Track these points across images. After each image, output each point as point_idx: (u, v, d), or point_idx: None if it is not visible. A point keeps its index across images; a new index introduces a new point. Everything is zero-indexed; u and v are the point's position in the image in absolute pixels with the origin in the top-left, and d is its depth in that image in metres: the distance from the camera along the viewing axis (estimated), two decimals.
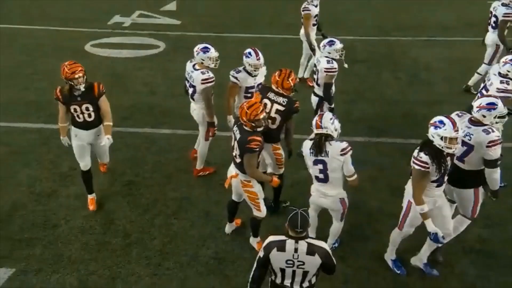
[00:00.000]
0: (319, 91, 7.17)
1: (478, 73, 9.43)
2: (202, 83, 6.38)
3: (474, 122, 5.18)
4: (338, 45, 7.08)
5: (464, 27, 12.72)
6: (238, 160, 5.32)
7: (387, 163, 7.42)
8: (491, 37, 9.23)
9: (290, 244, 3.97)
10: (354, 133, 7.94)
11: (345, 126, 7.75)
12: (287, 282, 4.18)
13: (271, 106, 5.78)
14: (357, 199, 6.16)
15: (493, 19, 9.17)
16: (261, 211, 5.52)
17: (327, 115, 5.25)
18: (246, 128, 5.18)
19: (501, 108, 5.17)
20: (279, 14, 13.71)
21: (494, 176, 5.15)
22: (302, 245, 3.96)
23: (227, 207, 5.92)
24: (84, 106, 5.82)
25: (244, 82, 6.45)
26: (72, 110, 5.85)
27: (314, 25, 9.43)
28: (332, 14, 12.15)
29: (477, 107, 5.18)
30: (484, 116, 5.13)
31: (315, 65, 7.41)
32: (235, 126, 5.39)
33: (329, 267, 4.12)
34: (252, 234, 5.83)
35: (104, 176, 7.04)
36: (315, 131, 5.15)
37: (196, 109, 6.84)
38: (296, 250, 3.97)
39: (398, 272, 5.54)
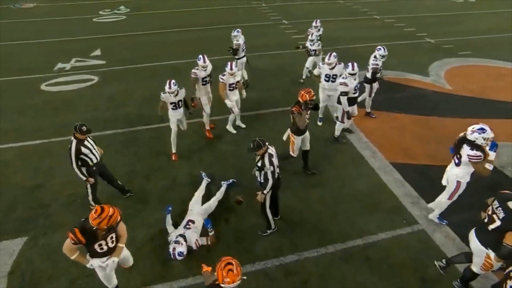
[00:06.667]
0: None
1: (307, 67, 10.07)
2: (191, 75, 7.12)
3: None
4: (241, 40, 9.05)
5: (278, 46, 13.42)
6: None
7: (251, 129, 7.81)
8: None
9: (270, 151, 4.67)
10: (228, 112, 7.96)
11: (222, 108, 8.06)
12: (277, 170, 4.77)
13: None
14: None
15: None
16: None
17: None
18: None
19: (350, 69, 6.63)
20: (171, 49, 13.42)
21: (343, 101, 6.77)
22: (271, 149, 4.72)
23: None
24: (109, 237, 3.79)
25: (228, 81, 7.10)
26: (96, 247, 3.74)
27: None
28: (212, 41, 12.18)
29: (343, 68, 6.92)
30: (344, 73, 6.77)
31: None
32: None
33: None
34: None
35: None
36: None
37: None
38: (272, 150, 4.74)
39: (443, 223, 5.27)
